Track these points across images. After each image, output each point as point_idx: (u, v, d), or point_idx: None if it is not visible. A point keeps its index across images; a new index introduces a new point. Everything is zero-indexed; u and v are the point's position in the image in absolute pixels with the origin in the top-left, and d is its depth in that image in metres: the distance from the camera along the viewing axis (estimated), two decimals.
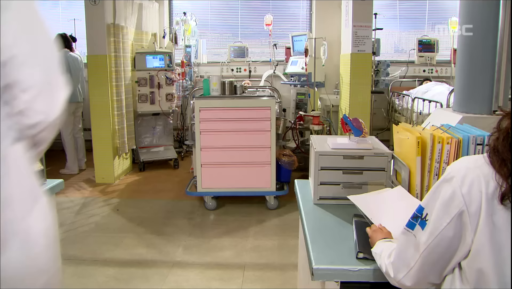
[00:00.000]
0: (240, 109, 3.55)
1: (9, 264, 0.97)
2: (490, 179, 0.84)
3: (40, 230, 1.04)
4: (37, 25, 1.02)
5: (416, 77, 5.88)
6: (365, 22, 4.38)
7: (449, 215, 0.87)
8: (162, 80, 5.08)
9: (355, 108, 4.48)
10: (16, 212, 0.99)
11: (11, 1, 0.94)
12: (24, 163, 1.04)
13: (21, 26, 0.95)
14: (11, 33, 0.92)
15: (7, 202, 0.97)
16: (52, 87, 1.02)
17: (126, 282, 2.57)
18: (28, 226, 1.01)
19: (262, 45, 6.16)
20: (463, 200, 0.85)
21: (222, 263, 2.81)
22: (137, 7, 5.15)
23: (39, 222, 1.04)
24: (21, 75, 0.95)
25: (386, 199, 1.46)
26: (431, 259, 0.91)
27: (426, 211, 0.93)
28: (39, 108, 0.99)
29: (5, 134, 0.96)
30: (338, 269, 1.17)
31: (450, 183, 0.88)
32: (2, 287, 0.96)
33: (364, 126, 1.70)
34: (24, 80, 0.95)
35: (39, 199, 1.07)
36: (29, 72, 0.96)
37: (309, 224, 1.47)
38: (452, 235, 0.87)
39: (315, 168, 1.64)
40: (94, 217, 3.59)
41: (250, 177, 3.62)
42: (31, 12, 1.01)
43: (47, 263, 1.07)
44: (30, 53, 0.97)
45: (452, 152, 1.36)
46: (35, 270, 1.04)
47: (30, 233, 1.02)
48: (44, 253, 1.06)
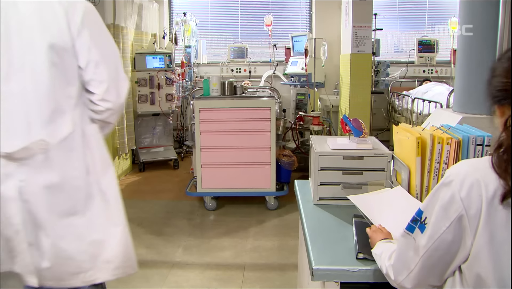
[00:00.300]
0: (240, 109, 3.55)
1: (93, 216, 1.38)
2: (490, 182, 0.83)
3: (112, 189, 1.46)
4: (104, 36, 1.42)
5: (416, 77, 5.89)
6: (365, 22, 4.38)
7: (448, 219, 0.87)
8: (162, 80, 5.08)
9: (355, 108, 4.48)
10: (97, 175, 1.41)
11: (83, 19, 1.33)
12: (98, 138, 1.45)
13: (93, 38, 1.35)
14: (87, 45, 1.33)
15: (90, 168, 1.39)
16: (117, 82, 1.42)
17: (126, 283, 2.57)
18: (105, 186, 1.43)
19: (262, 46, 6.17)
20: (462, 204, 0.85)
21: (222, 263, 2.81)
22: (137, 8, 5.15)
23: (112, 183, 1.46)
24: (95, 74, 1.36)
25: (386, 199, 1.46)
26: (431, 262, 0.91)
27: (425, 214, 0.93)
28: (108, 98, 1.39)
29: (84, 117, 1.40)
30: (338, 270, 1.17)
31: (449, 186, 0.88)
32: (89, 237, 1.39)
33: (364, 127, 1.70)
34: (98, 78, 1.37)
35: (110, 166, 1.48)
36: (100, 72, 1.36)
37: (309, 224, 1.47)
38: (451, 239, 0.87)
39: (315, 168, 1.64)
40: None
41: (250, 177, 3.62)
42: (98, 25, 1.41)
43: (120, 216, 1.47)
44: (100, 58, 1.37)
45: (452, 152, 1.36)
46: (111, 223, 1.42)
47: (106, 192, 1.43)
48: (116, 207, 1.45)
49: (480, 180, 0.84)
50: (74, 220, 1.35)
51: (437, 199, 0.90)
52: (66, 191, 1.34)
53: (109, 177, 1.45)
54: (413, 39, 5.95)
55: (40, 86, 1.31)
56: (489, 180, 0.84)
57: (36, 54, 1.30)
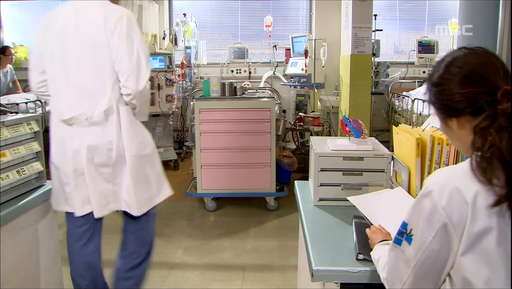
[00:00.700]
0: (240, 110, 3.55)
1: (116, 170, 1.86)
2: (469, 188, 0.84)
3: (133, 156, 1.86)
4: (130, 36, 1.76)
5: (416, 78, 5.89)
6: (365, 23, 4.38)
7: (433, 228, 0.87)
8: (162, 81, 5.08)
9: (355, 109, 4.48)
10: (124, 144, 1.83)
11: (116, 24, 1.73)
12: (131, 118, 1.87)
13: (120, 38, 1.74)
14: (116, 43, 1.74)
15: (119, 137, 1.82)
16: (137, 72, 1.78)
17: None
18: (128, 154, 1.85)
19: (262, 46, 6.17)
20: (444, 213, 0.86)
21: (222, 264, 2.81)
22: (137, 8, 5.15)
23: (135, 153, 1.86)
24: (121, 66, 1.75)
25: (386, 199, 1.46)
26: (423, 272, 0.91)
27: (410, 226, 0.94)
28: (128, 85, 1.77)
29: (120, 100, 1.81)
30: (338, 270, 1.17)
31: (429, 197, 0.89)
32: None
33: (364, 128, 1.70)
34: (122, 69, 1.76)
35: (137, 141, 1.88)
36: (123, 64, 1.75)
37: (309, 225, 1.47)
38: (439, 247, 0.87)
39: (315, 169, 1.64)
40: None
41: (250, 178, 3.62)
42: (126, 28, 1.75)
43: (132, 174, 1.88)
44: (124, 53, 1.74)
45: (452, 153, 1.36)
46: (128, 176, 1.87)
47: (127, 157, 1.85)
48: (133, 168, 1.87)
49: (459, 186, 0.85)
50: (104, 170, 1.83)
51: (419, 210, 0.91)
52: (99, 150, 1.80)
53: (134, 148, 1.85)
54: (413, 40, 5.96)
55: (85, 73, 1.76)
56: (467, 185, 0.85)
57: (86, 49, 1.75)
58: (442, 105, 0.95)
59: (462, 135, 0.94)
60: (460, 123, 0.93)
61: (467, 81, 0.90)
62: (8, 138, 1.73)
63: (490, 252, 0.82)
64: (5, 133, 1.70)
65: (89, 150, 1.78)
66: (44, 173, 1.95)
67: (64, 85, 1.78)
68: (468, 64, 0.91)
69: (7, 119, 1.73)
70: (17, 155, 1.75)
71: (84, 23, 1.75)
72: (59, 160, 1.83)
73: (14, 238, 1.72)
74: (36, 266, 1.89)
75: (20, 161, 1.81)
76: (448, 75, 0.92)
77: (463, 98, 0.90)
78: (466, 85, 0.89)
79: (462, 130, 0.94)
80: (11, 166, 1.75)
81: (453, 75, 0.92)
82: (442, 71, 0.94)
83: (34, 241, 1.87)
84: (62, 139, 1.81)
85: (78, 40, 1.75)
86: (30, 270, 1.85)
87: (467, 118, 0.92)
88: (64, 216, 1.96)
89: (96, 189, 1.82)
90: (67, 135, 1.80)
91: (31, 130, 1.86)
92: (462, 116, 0.92)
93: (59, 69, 1.78)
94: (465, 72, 0.90)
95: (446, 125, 0.98)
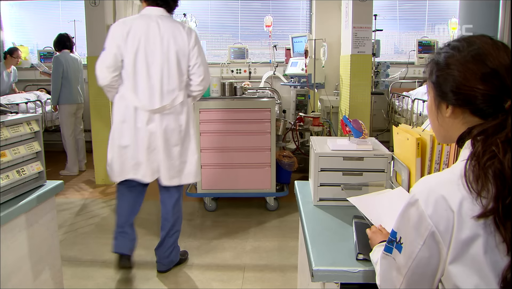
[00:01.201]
0: (240, 110, 3.55)
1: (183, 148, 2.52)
2: (454, 195, 0.83)
3: (193, 135, 2.57)
4: (202, 49, 2.51)
5: (416, 78, 5.89)
6: (365, 23, 4.38)
7: (421, 237, 0.87)
8: None
9: (355, 109, 4.48)
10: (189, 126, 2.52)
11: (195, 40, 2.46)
12: (191, 106, 2.57)
13: (198, 51, 2.46)
14: (196, 54, 2.44)
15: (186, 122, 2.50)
16: (207, 76, 2.51)
17: (126, 283, 2.57)
18: (191, 133, 2.54)
19: (262, 47, 6.17)
20: (431, 222, 0.85)
21: (222, 264, 2.81)
22: (137, 8, 5.15)
23: (194, 132, 2.58)
24: (197, 71, 2.45)
25: (386, 200, 1.46)
26: (415, 279, 0.91)
27: (399, 234, 0.93)
28: (203, 84, 2.50)
29: (184, 93, 2.46)
30: (338, 271, 1.17)
31: (415, 206, 0.88)
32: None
33: (364, 128, 1.70)
34: (198, 73, 2.46)
35: (194, 122, 2.69)
36: (200, 70, 2.46)
37: (309, 225, 1.47)
38: (428, 255, 0.87)
39: (315, 169, 1.63)
40: (94, 218, 3.59)
41: (250, 178, 3.62)
42: (200, 43, 2.50)
43: (196, 150, 2.58)
44: (200, 62, 2.46)
45: (452, 153, 1.36)
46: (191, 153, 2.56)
47: (191, 136, 2.55)
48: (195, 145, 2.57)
49: (444, 194, 0.84)
50: (175, 148, 2.46)
51: (407, 218, 0.91)
52: (174, 132, 2.44)
53: (193, 128, 2.56)
54: (413, 40, 5.95)
55: (169, 74, 2.38)
56: (452, 193, 0.84)
57: (169, 55, 2.37)
58: (445, 88, 0.91)
59: (451, 124, 0.93)
60: (454, 113, 0.91)
61: (486, 78, 0.85)
62: (8, 138, 1.72)
63: (478, 259, 0.81)
64: (5, 133, 1.70)
65: (165, 132, 2.41)
66: (44, 173, 1.94)
67: (147, 83, 2.35)
68: (493, 60, 0.86)
69: (7, 119, 1.73)
70: (17, 155, 1.75)
71: (170, 37, 2.36)
72: (131, 139, 2.40)
73: (14, 238, 1.72)
74: (36, 266, 1.89)
75: (20, 161, 1.81)
76: (467, 64, 0.87)
77: (472, 92, 0.86)
78: (482, 81, 0.85)
79: (452, 120, 0.92)
80: (11, 166, 1.74)
81: (472, 65, 0.87)
82: (461, 56, 0.89)
83: (34, 241, 1.87)
84: (137, 123, 2.38)
85: (165, 51, 2.36)
86: (30, 270, 1.85)
87: (464, 111, 0.90)
88: (63, 216, 1.96)
89: (167, 163, 2.44)
90: (144, 119, 2.37)
91: (31, 130, 1.86)
92: (460, 108, 0.90)
93: (143, 70, 2.35)
94: (487, 69, 0.85)
95: (437, 107, 0.95)
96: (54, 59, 4.77)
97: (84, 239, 3.18)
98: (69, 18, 5.84)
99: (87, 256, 2.91)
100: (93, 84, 4.45)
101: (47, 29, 6.00)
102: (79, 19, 5.50)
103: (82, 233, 3.29)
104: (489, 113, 0.87)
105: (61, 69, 4.72)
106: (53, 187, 1.95)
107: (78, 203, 3.99)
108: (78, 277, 2.64)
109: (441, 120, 0.96)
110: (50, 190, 1.91)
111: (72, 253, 2.92)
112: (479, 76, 0.86)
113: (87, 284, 2.56)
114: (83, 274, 2.67)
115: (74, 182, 4.70)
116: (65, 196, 4.15)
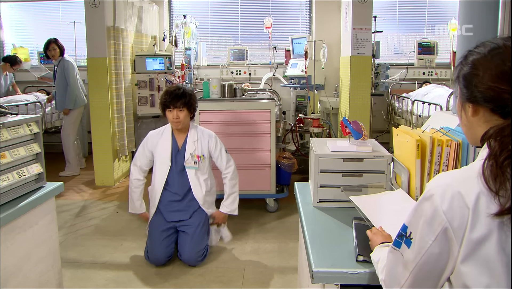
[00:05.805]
0: (240, 112, 3.55)
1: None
2: (470, 192, 0.83)
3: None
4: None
5: (415, 79, 5.90)
6: (364, 24, 4.39)
7: (433, 232, 0.87)
8: (162, 82, 5.09)
9: (355, 111, 4.48)
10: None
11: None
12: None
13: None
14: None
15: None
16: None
17: (125, 285, 2.57)
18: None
19: (262, 48, 6.18)
20: (445, 217, 0.85)
21: (221, 265, 2.81)
22: (137, 10, 5.16)
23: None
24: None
25: (387, 201, 1.46)
26: (422, 276, 0.91)
27: (410, 229, 0.93)
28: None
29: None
30: (338, 272, 1.17)
31: (430, 200, 0.88)
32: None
33: (363, 129, 1.70)
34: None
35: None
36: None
37: (309, 226, 1.47)
38: (438, 252, 0.87)
39: (315, 171, 1.64)
40: (94, 220, 3.59)
41: (250, 180, 3.62)
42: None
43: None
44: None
45: (452, 155, 1.36)
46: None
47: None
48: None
49: (461, 191, 0.84)
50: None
51: (420, 213, 0.90)
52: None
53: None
54: (413, 41, 5.96)
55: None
56: (469, 190, 0.84)
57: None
58: (468, 87, 0.92)
59: (473, 123, 0.93)
60: (475, 111, 0.92)
61: (504, 77, 0.86)
62: (8, 140, 1.73)
63: (490, 259, 0.81)
64: (5, 134, 1.70)
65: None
66: (44, 174, 1.94)
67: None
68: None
69: (7, 121, 1.73)
70: (17, 156, 1.75)
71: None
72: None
73: (14, 239, 1.72)
74: (36, 267, 1.89)
75: (20, 162, 1.81)
76: (487, 63, 0.89)
77: (490, 91, 0.87)
78: (502, 80, 0.86)
79: (474, 118, 0.93)
80: (11, 168, 1.74)
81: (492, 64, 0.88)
82: (482, 56, 0.90)
83: (34, 242, 1.87)
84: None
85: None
86: (30, 271, 1.85)
87: (485, 109, 0.90)
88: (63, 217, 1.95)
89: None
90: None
91: (31, 132, 1.86)
92: (480, 106, 0.90)
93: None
94: (505, 68, 0.86)
95: (462, 107, 0.96)
96: (66, 63, 4.77)
97: (84, 240, 3.18)
98: (69, 20, 5.84)
99: (87, 257, 2.90)
100: (93, 86, 4.47)
101: (47, 30, 6.01)
102: (79, 20, 5.51)
103: (81, 235, 3.28)
104: (508, 112, 0.87)
105: (75, 72, 4.77)
106: (52, 188, 1.95)
107: (78, 204, 3.99)
108: (77, 278, 2.63)
109: (466, 120, 0.97)
110: (49, 192, 1.92)
111: (72, 254, 2.92)
112: (499, 76, 0.87)
113: (86, 286, 2.56)
114: (83, 276, 2.67)
115: (74, 183, 4.70)
116: (65, 197, 4.15)
